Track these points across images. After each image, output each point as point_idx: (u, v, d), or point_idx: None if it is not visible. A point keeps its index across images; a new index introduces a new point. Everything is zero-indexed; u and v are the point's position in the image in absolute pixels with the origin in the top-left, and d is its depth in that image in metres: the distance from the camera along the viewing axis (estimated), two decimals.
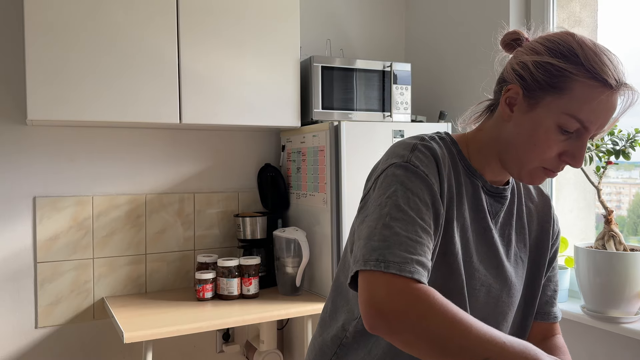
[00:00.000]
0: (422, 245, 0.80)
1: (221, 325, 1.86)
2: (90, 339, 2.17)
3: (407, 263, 0.77)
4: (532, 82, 0.87)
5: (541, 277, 1.06)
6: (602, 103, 0.83)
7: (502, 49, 0.97)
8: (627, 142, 1.67)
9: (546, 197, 1.10)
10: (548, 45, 0.87)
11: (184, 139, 2.34)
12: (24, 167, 2.07)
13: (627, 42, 1.89)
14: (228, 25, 2.07)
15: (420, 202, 0.84)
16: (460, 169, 0.95)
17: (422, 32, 2.71)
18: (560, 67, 0.84)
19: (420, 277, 0.77)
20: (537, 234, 1.06)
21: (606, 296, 1.68)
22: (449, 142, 0.97)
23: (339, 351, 0.99)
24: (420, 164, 0.87)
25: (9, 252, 2.04)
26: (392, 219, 0.81)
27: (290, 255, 2.15)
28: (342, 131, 2.03)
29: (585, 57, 0.83)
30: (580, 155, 0.87)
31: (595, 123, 0.84)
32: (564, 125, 0.84)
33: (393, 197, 0.84)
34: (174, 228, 2.32)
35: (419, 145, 0.90)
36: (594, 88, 0.83)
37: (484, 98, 1.01)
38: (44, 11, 1.78)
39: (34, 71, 1.77)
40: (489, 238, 0.96)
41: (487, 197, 0.97)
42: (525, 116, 0.88)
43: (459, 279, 0.91)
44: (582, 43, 0.85)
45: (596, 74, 0.83)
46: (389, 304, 0.74)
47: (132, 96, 1.91)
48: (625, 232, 1.97)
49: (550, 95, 0.85)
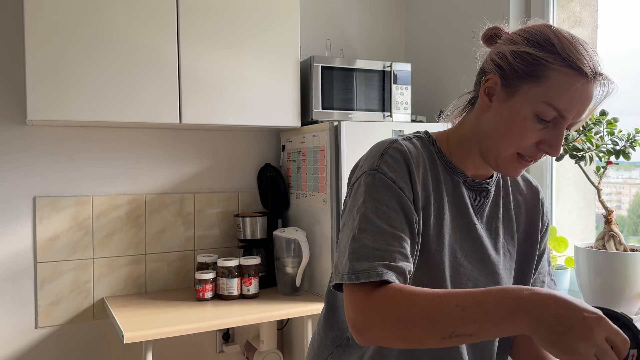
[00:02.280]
0: (392, 252, 0.83)
1: (221, 325, 1.86)
2: (90, 339, 2.17)
3: (374, 269, 0.81)
4: (509, 71, 0.88)
5: (531, 269, 1.06)
6: (579, 91, 0.84)
7: (483, 43, 0.98)
8: (627, 142, 1.67)
9: (535, 188, 1.10)
10: (525, 35, 0.89)
11: (184, 139, 2.34)
12: (24, 167, 2.07)
13: (627, 42, 1.89)
14: (228, 25, 2.07)
15: (388, 210, 0.86)
16: (439, 166, 0.96)
17: (422, 32, 2.71)
18: (537, 55, 0.85)
19: (388, 277, 0.80)
20: (526, 226, 1.06)
21: (606, 296, 1.67)
22: (427, 141, 0.98)
23: (335, 351, 1.01)
24: (389, 170, 0.89)
25: (9, 252, 2.04)
26: (360, 231, 0.85)
27: (290, 255, 2.15)
28: (342, 131, 2.03)
29: (562, 46, 0.85)
30: (557, 144, 0.88)
31: (572, 111, 0.86)
32: (541, 114, 0.86)
33: (362, 209, 0.87)
34: (174, 228, 2.32)
35: (389, 149, 0.91)
36: (570, 76, 0.84)
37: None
38: (44, 11, 1.78)
39: (34, 71, 1.77)
40: (473, 232, 0.97)
41: (469, 192, 0.98)
42: (504, 105, 0.89)
43: (440, 275, 0.92)
44: (558, 33, 0.87)
45: (572, 62, 0.84)
46: (358, 322, 0.79)
47: (132, 96, 1.91)
48: (625, 232, 1.97)
49: (528, 83, 0.86)
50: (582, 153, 1.70)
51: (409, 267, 0.84)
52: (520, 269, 1.05)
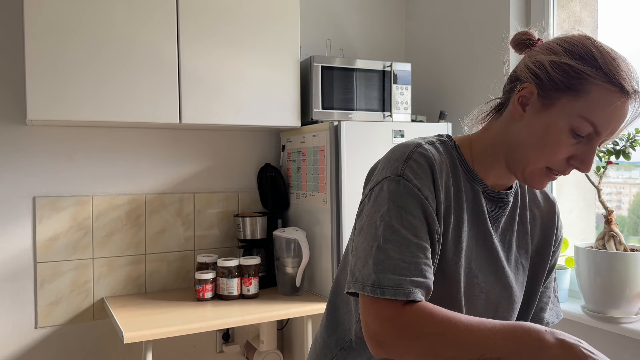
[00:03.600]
0: (418, 264, 0.82)
1: (221, 325, 1.86)
2: (90, 339, 2.17)
3: (401, 286, 0.80)
4: (548, 82, 0.85)
5: (540, 283, 1.05)
6: (617, 109, 0.82)
7: (513, 48, 0.95)
8: (627, 142, 1.67)
9: (552, 202, 1.08)
10: (566, 46, 0.86)
11: (184, 139, 2.34)
12: (24, 167, 2.07)
13: (627, 42, 1.89)
14: (228, 25, 2.07)
15: (413, 219, 0.84)
16: (460, 173, 0.94)
17: (422, 32, 2.71)
18: (579, 68, 0.83)
19: (415, 297, 0.79)
20: (539, 240, 1.04)
21: (606, 296, 1.67)
22: (450, 146, 0.95)
23: (339, 354, 0.99)
24: (414, 177, 0.86)
25: (9, 252, 2.04)
26: (385, 241, 0.83)
27: (290, 255, 2.14)
28: (342, 131, 2.03)
29: (604, 61, 0.82)
30: (589, 160, 0.85)
31: (607, 128, 0.83)
32: (577, 129, 0.83)
33: (386, 217, 0.84)
34: (174, 228, 2.32)
35: (414, 154, 0.88)
36: (611, 93, 0.82)
37: (485, 98, 1.00)
38: (43, 11, 1.78)
39: (33, 71, 1.77)
40: (489, 244, 0.95)
41: (487, 203, 0.96)
42: (538, 116, 0.87)
43: (455, 285, 0.91)
44: (600, 47, 0.84)
45: (614, 78, 0.82)
46: (382, 336, 0.79)
47: (132, 96, 1.91)
48: (625, 232, 1.97)
49: (567, 96, 0.84)
50: None
51: (432, 277, 0.84)
52: (530, 282, 1.04)
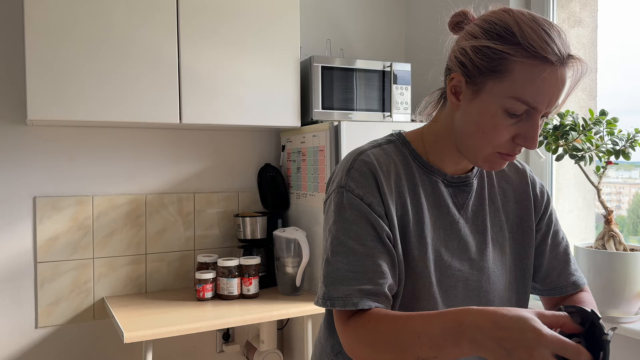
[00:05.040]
0: (366, 273, 0.83)
1: (221, 325, 1.86)
2: (90, 339, 2.17)
3: (349, 296, 0.82)
4: (472, 68, 0.83)
5: (529, 256, 1.01)
6: (547, 80, 0.79)
7: (450, 31, 0.94)
8: (627, 142, 1.67)
9: (522, 171, 1.05)
10: (485, 26, 0.83)
11: (184, 139, 2.34)
12: (24, 167, 2.07)
13: (627, 42, 1.89)
14: (228, 25, 2.07)
15: (358, 228, 0.85)
16: (414, 169, 0.93)
17: (422, 32, 2.71)
18: (497, 49, 0.80)
19: (364, 305, 0.81)
20: (517, 213, 1.01)
21: (606, 296, 1.68)
22: (400, 144, 0.95)
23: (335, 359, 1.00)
24: (356, 186, 0.87)
25: (9, 252, 2.04)
26: (332, 253, 0.86)
27: (290, 255, 2.15)
28: (342, 131, 2.03)
29: (523, 36, 0.79)
30: (532, 136, 0.83)
31: (544, 102, 0.80)
32: (511, 109, 0.81)
33: (332, 230, 0.87)
34: (174, 228, 2.32)
35: (355, 163, 0.89)
36: (535, 67, 0.78)
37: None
38: (44, 11, 1.78)
39: (33, 71, 1.77)
40: (456, 231, 0.94)
41: (449, 190, 0.95)
42: (471, 104, 0.85)
43: (426, 280, 0.90)
44: (518, 19, 0.81)
45: (535, 51, 0.78)
46: (345, 344, 0.83)
47: (132, 96, 1.91)
48: (625, 232, 1.97)
49: (492, 79, 0.82)
50: (582, 153, 1.70)
51: (388, 281, 0.84)
52: (517, 257, 1.00)
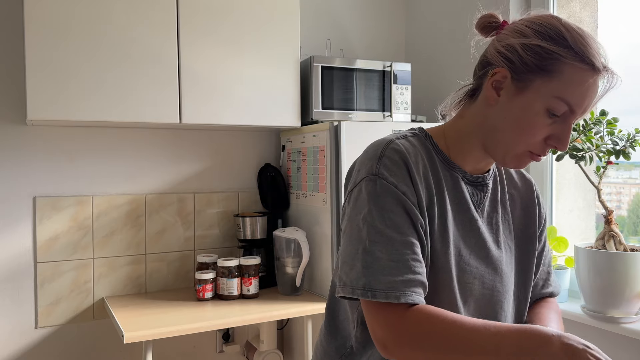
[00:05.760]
0: (406, 262, 0.82)
1: (221, 325, 1.86)
2: (90, 339, 2.17)
3: (392, 288, 0.80)
4: (520, 64, 0.85)
5: (531, 264, 1.04)
6: (590, 86, 0.83)
7: (479, 32, 0.96)
8: (627, 142, 1.67)
9: (529, 181, 1.08)
10: (535, 27, 0.86)
11: (184, 139, 2.34)
12: (24, 167, 2.07)
13: (628, 42, 1.89)
14: (228, 25, 2.07)
15: (395, 216, 0.84)
16: (437, 163, 0.94)
17: (422, 32, 2.71)
18: (550, 49, 0.83)
19: (407, 298, 0.80)
20: (522, 220, 1.04)
21: (606, 296, 1.67)
22: (423, 138, 0.96)
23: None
24: (389, 174, 0.86)
25: (9, 252, 2.04)
26: (371, 243, 0.83)
27: (290, 255, 2.14)
28: (342, 131, 2.03)
29: (574, 40, 0.83)
30: (566, 138, 0.86)
31: (582, 106, 0.84)
32: (553, 109, 0.84)
33: (368, 219, 0.84)
34: (174, 228, 2.32)
35: (387, 151, 0.88)
36: (584, 71, 0.82)
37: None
38: (44, 11, 1.78)
39: (34, 71, 1.77)
40: (475, 229, 0.95)
41: (469, 188, 0.96)
42: (513, 100, 0.87)
43: (447, 275, 0.90)
44: (568, 26, 0.85)
45: (585, 56, 0.82)
46: (389, 341, 0.80)
47: (132, 96, 1.91)
48: (625, 232, 1.97)
49: (540, 78, 0.84)
50: (582, 153, 1.70)
51: (425, 270, 0.84)
52: (519, 263, 1.03)
